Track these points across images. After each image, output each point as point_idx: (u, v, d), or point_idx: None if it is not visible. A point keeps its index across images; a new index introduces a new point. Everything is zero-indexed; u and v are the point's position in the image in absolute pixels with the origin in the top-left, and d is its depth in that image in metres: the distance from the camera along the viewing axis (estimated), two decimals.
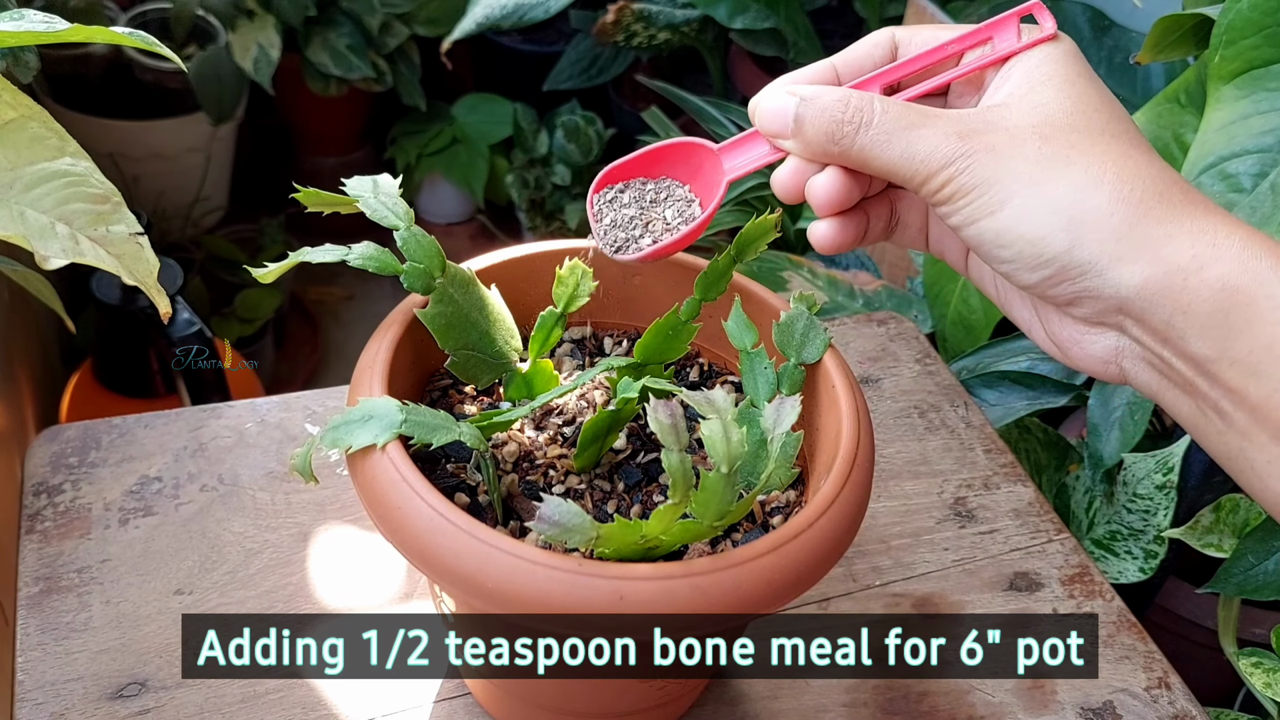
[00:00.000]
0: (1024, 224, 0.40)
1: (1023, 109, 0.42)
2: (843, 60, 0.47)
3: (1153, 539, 0.90)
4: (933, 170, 0.41)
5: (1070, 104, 0.41)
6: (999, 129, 0.41)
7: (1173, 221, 0.39)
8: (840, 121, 0.43)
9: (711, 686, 0.60)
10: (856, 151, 0.43)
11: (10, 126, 0.47)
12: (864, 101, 0.42)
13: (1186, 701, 0.62)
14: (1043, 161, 0.40)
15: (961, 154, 0.41)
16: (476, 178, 1.86)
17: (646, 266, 0.57)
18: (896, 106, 0.42)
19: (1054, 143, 0.40)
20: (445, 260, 0.50)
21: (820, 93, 0.44)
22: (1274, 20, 0.73)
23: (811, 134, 0.44)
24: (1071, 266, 0.40)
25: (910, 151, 0.41)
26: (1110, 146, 0.40)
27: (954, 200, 0.41)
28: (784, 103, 0.45)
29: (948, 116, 0.42)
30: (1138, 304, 0.39)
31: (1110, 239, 0.39)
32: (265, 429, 0.70)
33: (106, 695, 0.56)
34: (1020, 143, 0.40)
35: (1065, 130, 0.41)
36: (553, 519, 0.40)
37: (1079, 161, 0.40)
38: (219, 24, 1.58)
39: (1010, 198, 0.40)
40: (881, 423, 0.75)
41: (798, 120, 0.44)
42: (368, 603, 0.62)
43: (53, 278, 0.82)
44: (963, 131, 0.41)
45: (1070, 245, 0.39)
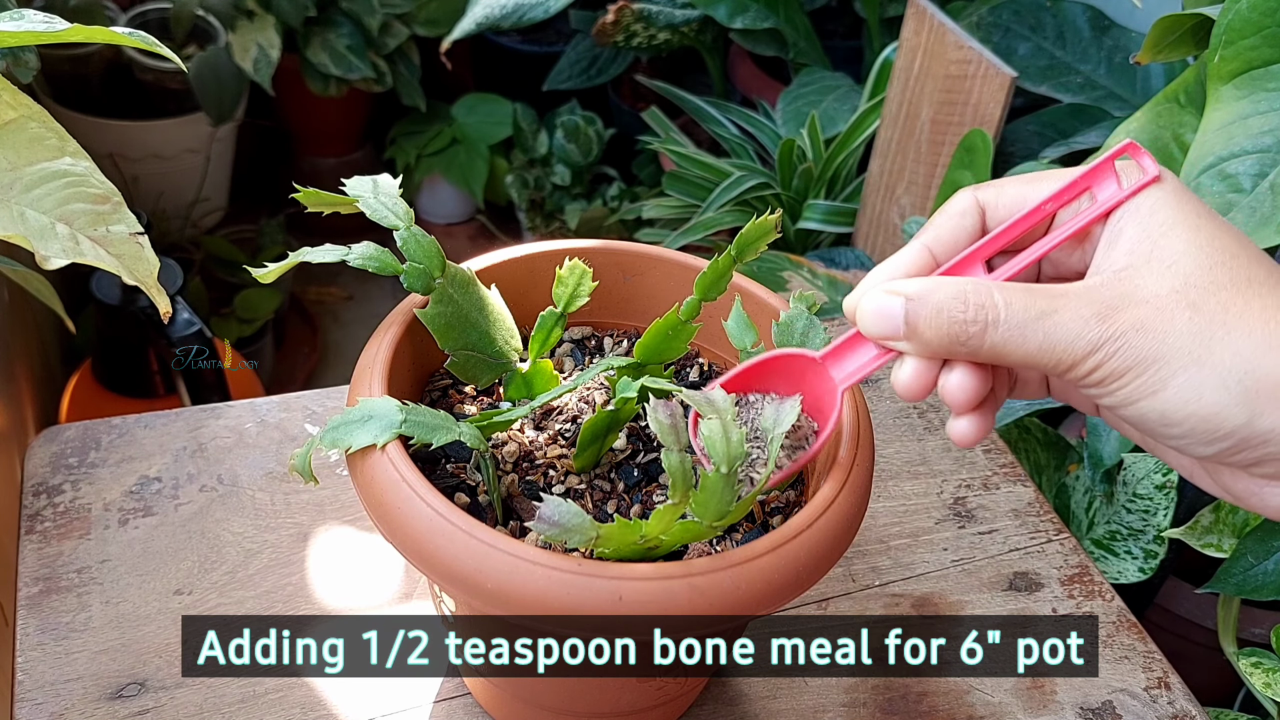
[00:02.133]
0: (1193, 403, 0.37)
1: (1156, 272, 0.38)
2: (933, 238, 0.43)
3: (1152, 539, 0.90)
4: (1077, 358, 0.38)
5: (1205, 256, 0.38)
6: (1140, 301, 0.38)
7: None
8: (963, 323, 0.39)
9: (711, 686, 0.60)
10: (988, 350, 0.39)
11: (10, 126, 0.47)
12: (983, 295, 0.39)
13: (1186, 701, 0.62)
14: (1199, 334, 0.37)
15: (1108, 337, 0.38)
16: (476, 178, 1.86)
17: (648, 269, 0.57)
18: (1020, 295, 0.39)
19: (1205, 310, 0.37)
20: (445, 260, 0.50)
21: (928, 290, 0.40)
22: (1273, 20, 0.73)
23: (931, 336, 0.40)
24: (1252, 437, 0.38)
25: (1049, 342, 0.38)
26: (1267, 299, 0.38)
27: (1106, 384, 0.39)
28: (888, 304, 0.41)
29: (1079, 295, 0.39)
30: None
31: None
32: (265, 429, 0.70)
33: (106, 695, 0.56)
34: (1169, 315, 0.37)
35: (1211, 290, 0.38)
36: (552, 519, 0.40)
37: (1238, 327, 0.37)
38: (219, 24, 1.58)
39: (1172, 377, 0.37)
40: (881, 423, 0.75)
41: (910, 324, 0.41)
42: (368, 603, 0.62)
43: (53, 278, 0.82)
44: (1102, 311, 0.38)
45: (1250, 418, 0.37)
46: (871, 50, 1.52)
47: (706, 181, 1.41)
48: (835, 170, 1.38)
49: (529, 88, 1.85)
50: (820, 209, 1.37)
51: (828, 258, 1.27)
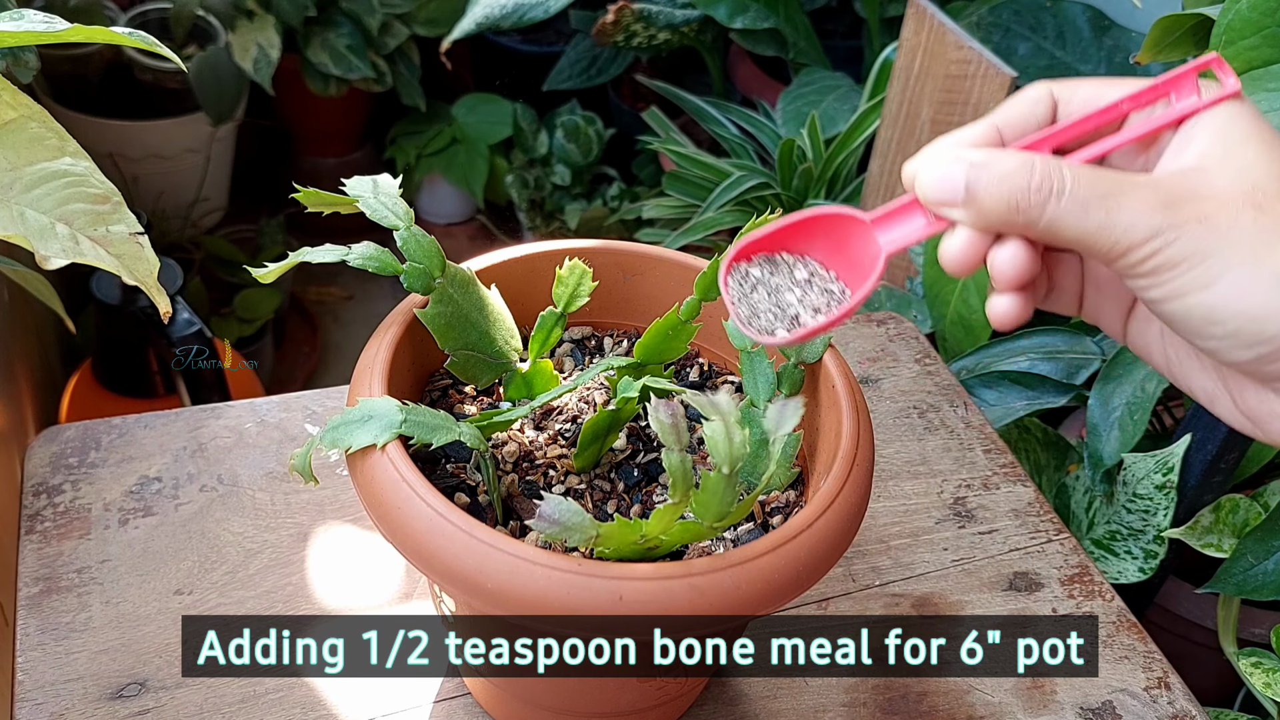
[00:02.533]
0: (1243, 300, 0.37)
1: (1227, 173, 0.38)
2: (1004, 119, 0.42)
3: (1152, 539, 0.90)
4: (1135, 242, 0.38)
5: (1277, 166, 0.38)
6: (1208, 197, 0.38)
7: None
8: (1026, 189, 0.39)
9: (711, 686, 0.60)
10: (1046, 223, 0.39)
11: (10, 126, 0.47)
12: (1050, 167, 0.39)
13: (1186, 701, 0.62)
14: (1261, 234, 0.37)
15: (1170, 225, 0.37)
16: (476, 178, 1.86)
17: (648, 268, 0.57)
18: (1088, 173, 0.39)
19: (1271, 212, 0.37)
20: (445, 260, 0.50)
21: (995, 158, 0.40)
22: (1273, 21, 0.73)
23: (990, 204, 0.39)
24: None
25: (1110, 222, 0.38)
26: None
27: (1159, 273, 0.38)
28: (951, 169, 0.40)
29: (1147, 183, 0.38)
30: None
31: None
32: (265, 429, 0.70)
33: (106, 695, 0.56)
34: (1235, 212, 0.37)
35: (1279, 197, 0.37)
36: (553, 518, 0.40)
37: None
38: (219, 24, 1.58)
39: (1226, 271, 0.37)
40: (881, 423, 0.75)
41: (970, 189, 0.40)
42: (368, 603, 0.62)
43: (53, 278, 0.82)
44: (1168, 200, 0.38)
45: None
46: (871, 50, 1.52)
47: (706, 181, 1.41)
48: (835, 170, 1.38)
49: (529, 87, 1.85)
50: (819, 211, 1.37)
51: None
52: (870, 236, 0.43)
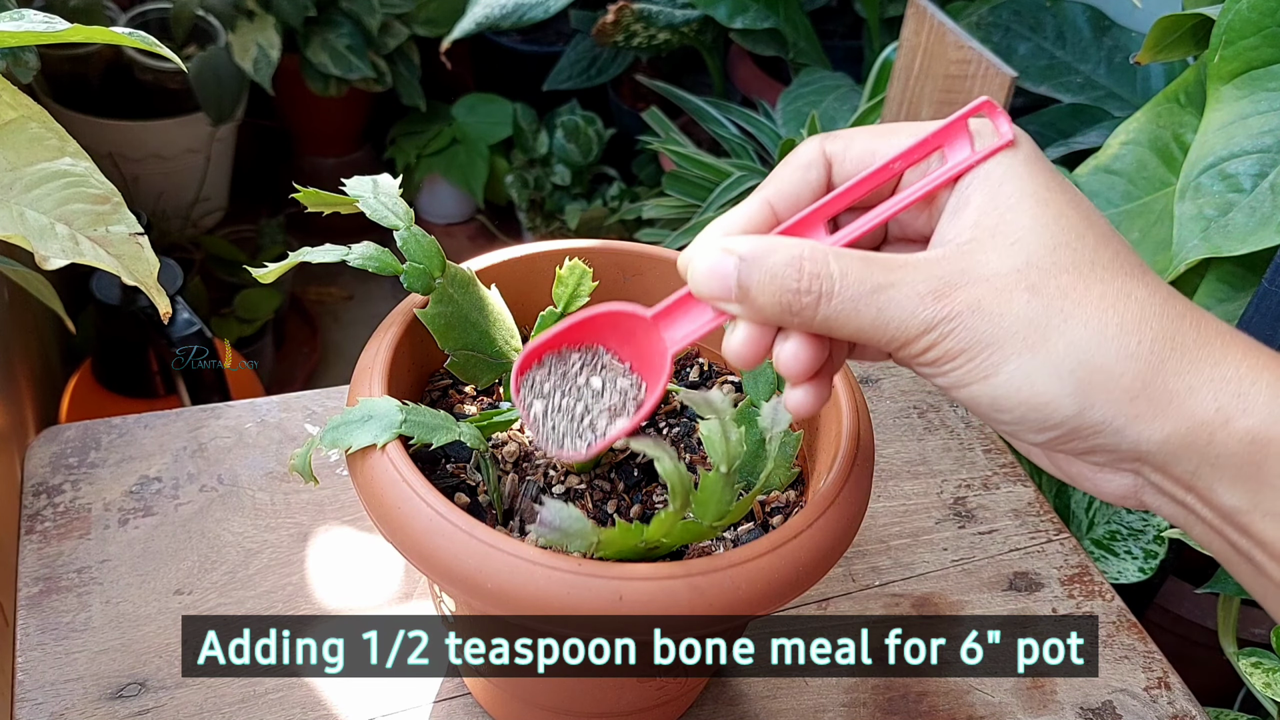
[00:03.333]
0: (1024, 390, 0.36)
1: (999, 249, 0.36)
2: (775, 192, 0.41)
3: (1152, 539, 0.90)
4: (910, 337, 0.37)
5: (1050, 235, 0.36)
6: (979, 280, 0.36)
7: (1191, 371, 0.35)
8: (796, 293, 0.37)
9: (711, 686, 0.60)
10: (819, 323, 0.37)
11: (10, 126, 0.47)
12: (818, 265, 0.37)
13: (1186, 701, 0.62)
14: (1035, 319, 0.35)
15: (943, 317, 0.36)
16: (476, 178, 1.86)
17: (648, 269, 0.57)
18: (857, 266, 0.37)
19: (1044, 292, 0.36)
20: (445, 260, 0.50)
21: (762, 252, 0.38)
22: (1273, 21, 0.73)
23: (763, 303, 0.38)
24: (1083, 428, 0.36)
25: (882, 319, 0.37)
26: (1108, 286, 0.36)
27: (939, 364, 0.37)
28: (721, 264, 0.38)
29: (917, 268, 0.37)
30: (1159, 458, 0.36)
31: (1124, 399, 0.35)
32: (265, 429, 0.70)
33: (106, 695, 0.56)
34: (1007, 297, 0.36)
35: (1054, 272, 0.36)
36: (553, 523, 0.40)
37: (1076, 315, 0.35)
38: (219, 24, 1.58)
39: (1005, 363, 0.36)
40: (881, 423, 0.75)
41: (742, 287, 0.38)
42: (368, 603, 0.62)
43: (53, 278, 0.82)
44: (939, 289, 0.36)
45: (1080, 409, 0.36)
46: (871, 50, 1.52)
47: (706, 181, 1.41)
48: None
49: (529, 87, 1.85)
50: None
51: None
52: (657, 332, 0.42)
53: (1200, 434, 0.35)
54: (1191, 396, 0.35)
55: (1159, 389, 0.35)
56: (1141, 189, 0.92)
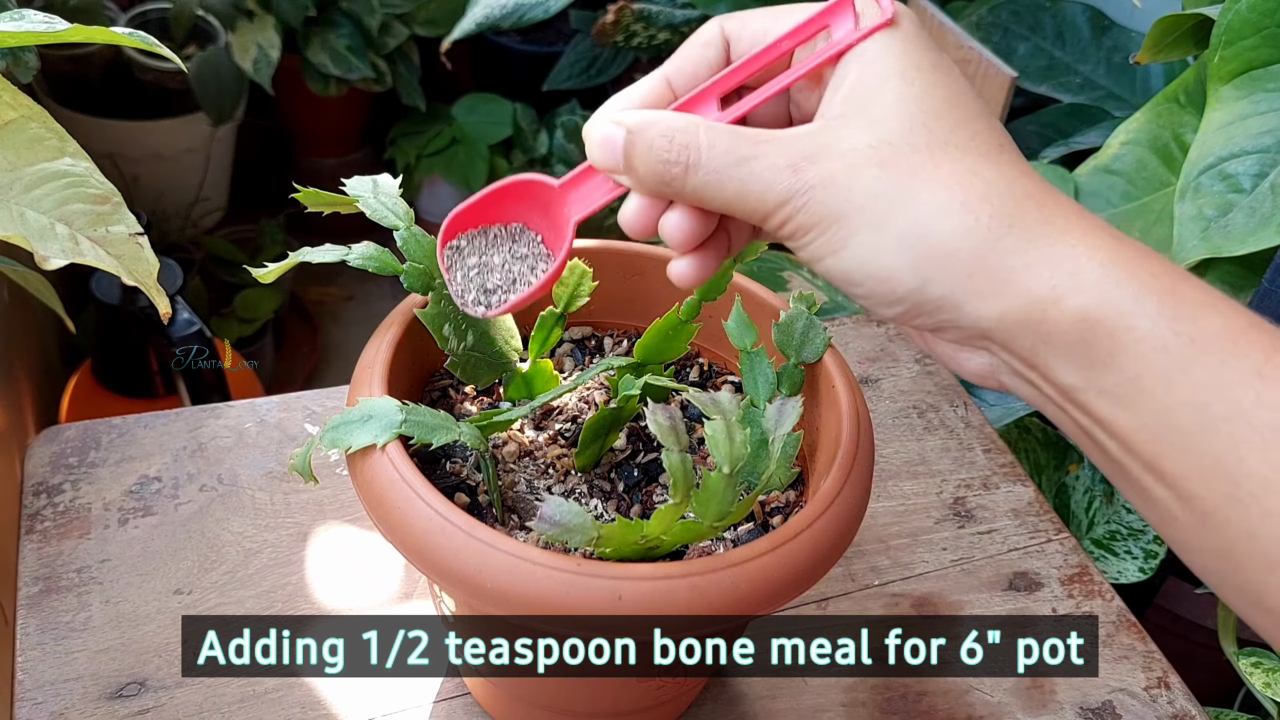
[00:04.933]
0: (869, 264, 0.37)
1: (859, 125, 0.38)
2: (675, 68, 0.42)
3: (1152, 539, 0.90)
4: (769, 209, 0.38)
5: (909, 114, 0.37)
6: (834, 154, 0.37)
7: (1029, 249, 0.36)
8: (667, 163, 0.39)
9: (710, 686, 0.60)
10: (690, 193, 0.39)
11: (10, 127, 0.47)
12: (689, 135, 0.39)
13: (1186, 701, 0.62)
14: (882, 194, 0.37)
15: (798, 190, 0.37)
16: (476, 178, 1.86)
17: (648, 268, 0.57)
18: (725, 137, 0.38)
19: (893, 168, 0.37)
20: None
21: (645, 124, 0.39)
22: (1273, 21, 0.73)
23: (644, 173, 0.40)
24: (925, 303, 0.37)
25: (744, 190, 0.38)
26: (956, 164, 0.37)
27: (796, 238, 0.38)
28: (612, 134, 0.40)
29: (781, 142, 0.38)
30: (1000, 334, 0.37)
31: (962, 275, 0.36)
32: (265, 429, 0.70)
33: (106, 695, 0.56)
34: (857, 172, 0.37)
35: (905, 150, 0.37)
36: (554, 519, 0.40)
37: (922, 192, 0.36)
38: (219, 24, 1.58)
39: (852, 235, 0.37)
40: (880, 423, 0.75)
41: (627, 157, 0.40)
42: (368, 603, 0.62)
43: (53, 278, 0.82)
44: (796, 162, 0.37)
45: (920, 284, 0.37)
46: None
47: None
48: None
49: (529, 87, 1.85)
50: None
51: None
52: (563, 202, 0.44)
53: (1034, 311, 0.36)
54: (1027, 273, 0.36)
55: (995, 266, 0.36)
56: (1141, 189, 0.92)
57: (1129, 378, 0.35)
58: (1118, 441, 0.36)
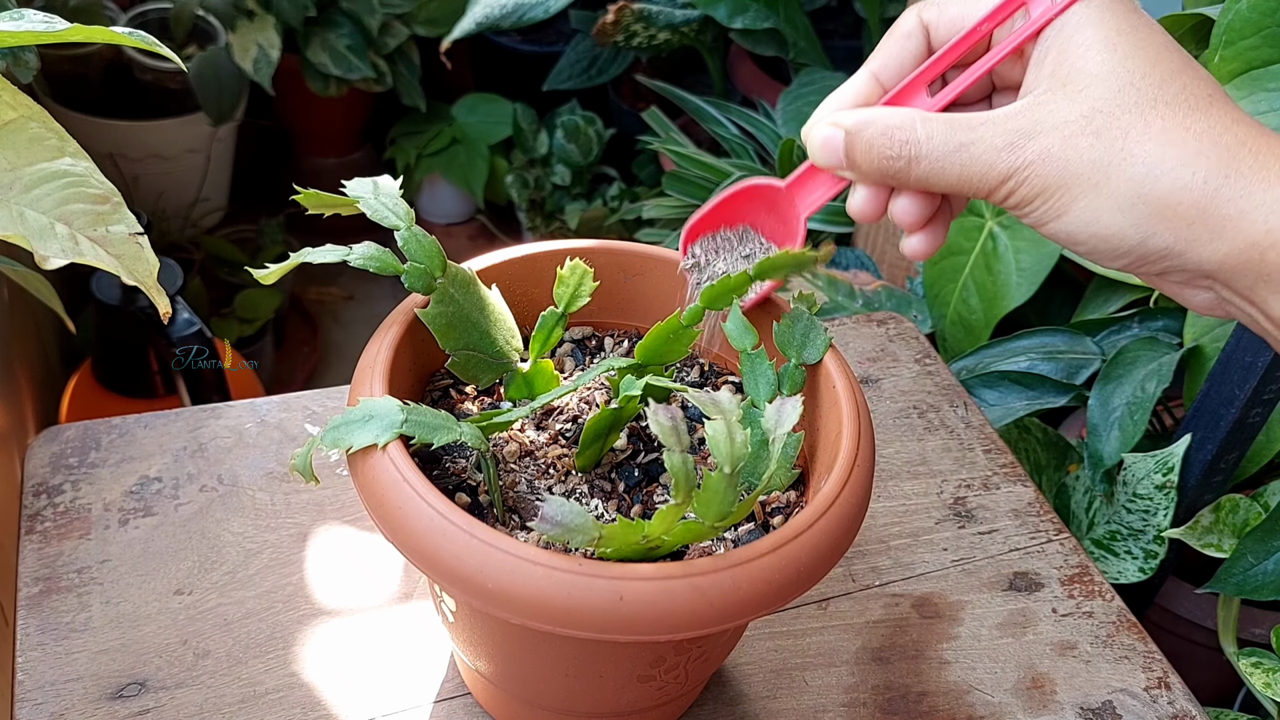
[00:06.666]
0: (1091, 225, 0.40)
1: (1069, 97, 0.40)
2: (880, 64, 0.45)
3: (1152, 539, 0.90)
4: (992, 186, 0.41)
5: (1115, 79, 0.40)
6: (1049, 129, 0.40)
7: (1244, 196, 0.38)
8: (890, 159, 0.42)
9: (711, 686, 0.60)
10: (915, 183, 0.43)
11: (10, 126, 0.47)
12: (907, 131, 0.42)
13: (1186, 701, 0.62)
14: (1099, 160, 0.39)
15: (1018, 165, 0.40)
16: (476, 178, 1.86)
17: (649, 269, 0.57)
18: (941, 128, 0.42)
19: (1108, 134, 0.39)
20: (446, 260, 0.50)
21: (864, 124, 0.43)
22: (1273, 21, 0.73)
23: (867, 169, 0.43)
24: (1149, 254, 0.40)
25: (967, 173, 0.41)
26: (1167, 120, 0.39)
27: (1021, 208, 0.41)
28: (831, 137, 0.44)
29: (995, 124, 0.41)
30: (1222, 275, 0.40)
31: (1182, 226, 0.39)
32: (265, 429, 0.70)
33: (106, 695, 0.56)
34: (1073, 142, 0.40)
35: (1116, 114, 0.39)
36: (555, 519, 0.40)
37: (1137, 153, 0.39)
38: (219, 24, 1.58)
39: (1074, 202, 0.40)
40: (881, 423, 0.75)
41: (849, 156, 0.44)
42: (368, 603, 0.62)
43: (53, 278, 0.82)
44: (1013, 141, 0.40)
45: (1143, 239, 0.40)
46: (871, 50, 1.52)
47: (706, 181, 1.41)
48: None
49: (529, 87, 1.85)
50: (822, 209, 1.37)
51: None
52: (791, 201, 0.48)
53: (1253, 254, 0.38)
54: (1243, 220, 0.38)
55: (1214, 214, 0.39)
56: None
57: None
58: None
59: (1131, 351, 0.95)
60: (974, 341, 1.08)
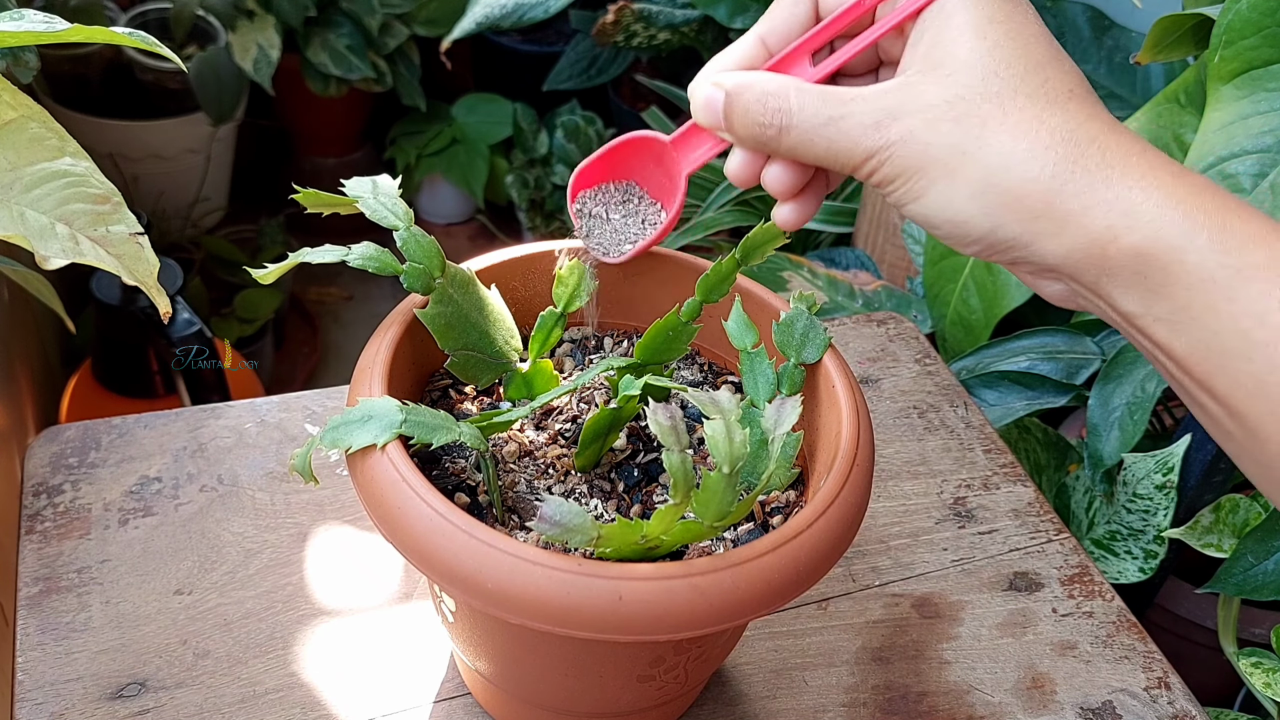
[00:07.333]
0: (946, 210, 0.41)
1: (936, 80, 0.41)
2: (768, 28, 0.45)
3: (1152, 539, 0.90)
4: (857, 162, 0.42)
5: (982, 66, 0.40)
6: (913, 111, 0.41)
7: (1088, 192, 0.39)
8: (762, 126, 0.43)
9: (711, 686, 0.60)
10: (785, 151, 0.43)
11: (10, 126, 0.47)
12: (781, 99, 0.42)
13: (1186, 701, 0.62)
14: (956, 146, 0.40)
15: (881, 145, 0.41)
16: (476, 178, 1.86)
17: (648, 269, 0.57)
18: (814, 100, 0.42)
19: (967, 122, 0.40)
20: (445, 260, 0.50)
21: (742, 87, 0.43)
22: (1273, 21, 0.73)
23: (742, 133, 0.44)
24: (998, 243, 0.41)
25: (834, 147, 0.42)
26: (1024, 112, 0.40)
27: (882, 186, 0.42)
28: (712, 96, 0.44)
29: (864, 101, 0.41)
30: (1067, 268, 0.40)
31: (1029, 218, 0.39)
32: (265, 429, 0.70)
33: (106, 695, 0.56)
34: (934, 126, 0.40)
35: (978, 101, 0.40)
36: (554, 519, 0.40)
37: (992, 142, 0.39)
38: (219, 24, 1.58)
39: (931, 185, 0.41)
40: (881, 423, 0.75)
41: (726, 118, 0.44)
42: (368, 603, 0.62)
43: (53, 278, 0.82)
44: (880, 120, 0.41)
45: (992, 228, 0.40)
46: None
47: (706, 181, 1.42)
48: None
49: (529, 87, 1.85)
50: (821, 209, 1.37)
51: (828, 258, 1.27)
52: (674, 156, 0.48)
53: (1094, 249, 0.39)
54: (1086, 216, 0.39)
55: (1058, 209, 0.39)
56: None
57: (1180, 305, 0.38)
58: (1175, 363, 0.39)
59: (1131, 351, 0.95)
60: (974, 341, 1.08)
